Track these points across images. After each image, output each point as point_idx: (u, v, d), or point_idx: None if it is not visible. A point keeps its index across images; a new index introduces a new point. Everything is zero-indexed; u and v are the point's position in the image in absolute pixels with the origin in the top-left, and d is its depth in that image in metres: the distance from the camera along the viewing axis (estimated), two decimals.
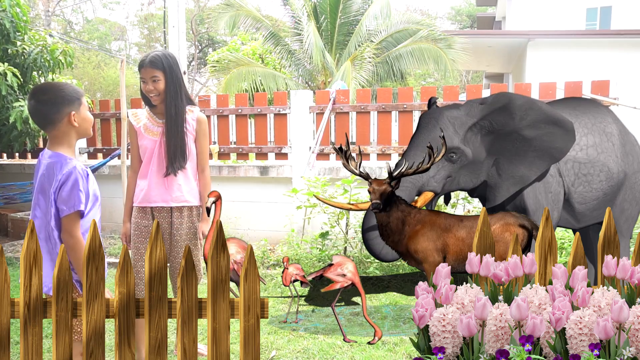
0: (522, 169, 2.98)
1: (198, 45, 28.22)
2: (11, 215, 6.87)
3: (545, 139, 2.94)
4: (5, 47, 5.34)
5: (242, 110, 6.23)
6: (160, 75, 2.86)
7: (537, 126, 2.95)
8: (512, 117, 2.97)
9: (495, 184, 3.04)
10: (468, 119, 2.99)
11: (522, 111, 2.96)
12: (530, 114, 2.95)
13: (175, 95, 2.89)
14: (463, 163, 2.98)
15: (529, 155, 2.97)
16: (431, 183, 2.95)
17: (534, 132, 2.95)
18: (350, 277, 3.16)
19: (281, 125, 6.12)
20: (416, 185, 2.95)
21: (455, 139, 2.94)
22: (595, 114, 3.38)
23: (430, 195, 2.96)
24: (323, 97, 5.94)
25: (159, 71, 2.85)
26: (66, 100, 2.20)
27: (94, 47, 25.60)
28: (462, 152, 2.94)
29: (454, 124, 2.97)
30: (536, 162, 2.97)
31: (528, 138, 2.95)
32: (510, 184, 3.01)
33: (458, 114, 3.00)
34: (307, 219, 5.46)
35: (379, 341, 3.29)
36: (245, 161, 6.66)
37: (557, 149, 2.95)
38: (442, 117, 2.98)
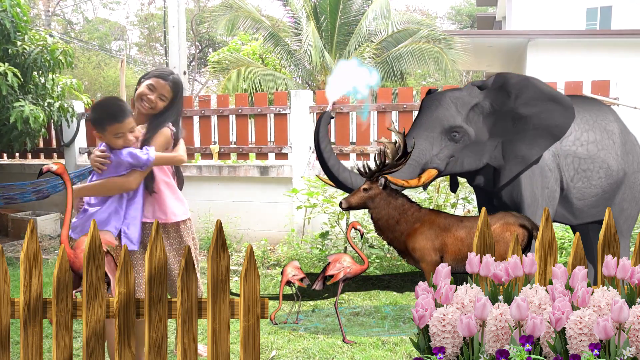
0: (523, 148, 2.96)
1: (198, 45, 28.22)
2: (11, 215, 6.87)
3: (543, 116, 2.93)
4: (5, 47, 5.34)
5: (242, 110, 6.23)
6: (169, 95, 2.74)
7: (533, 104, 2.93)
8: (508, 96, 2.96)
9: (498, 165, 3.03)
10: (470, 99, 2.99)
11: (517, 89, 2.95)
12: (524, 92, 2.95)
13: (167, 119, 2.75)
14: (466, 143, 2.97)
15: (528, 134, 2.95)
16: (434, 161, 2.95)
17: (530, 110, 2.93)
18: (348, 265, 3.18)
19: (281, 125, 6.12)
20: (420, 163, 2.95)
21: (458, 118, 2.94)
22: (597, 112, 3.39)
23: (434, 172, 2.95)
24: (323, 97, 5.94)
25: (171, 91, 2.75)
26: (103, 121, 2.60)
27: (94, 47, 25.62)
28: (464, 131, 2.94)
29: (457, 103, 2.97)
30: (537, 141, 2.95)
31: (525, 116, 2.94)
32: (513, 164, 2.99)
33: (460, 94, 3.00)
34: (307, 219, 5.46)
35: (378, 341, 3.30)
36: (245, 161, 6.66)
37: (557, 127, 2.93)
38: (444, 97, 2.99)
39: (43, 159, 7.56)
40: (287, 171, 5.95)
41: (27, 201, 5.84)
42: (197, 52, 27.88)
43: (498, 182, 3.04)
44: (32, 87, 5.69)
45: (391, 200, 2.84)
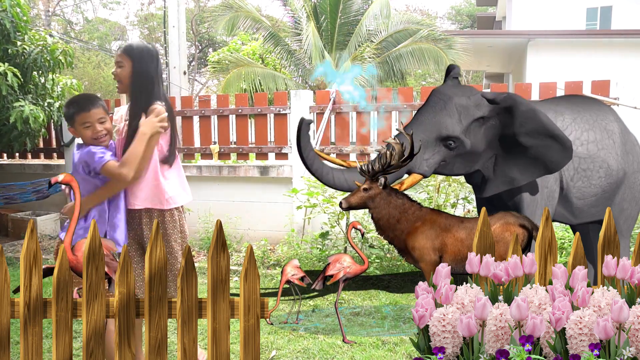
0: (514, 172, 3.03)
1: (198, 45, 28.22)
2: (11, 215, 6.87)
3: (542, 150, 2.97)
4: (5, 47, 5.34)
5: (242, 110, 6.23)
6: (126, 62, 2.69)
7: (535, 136, 2.98)
8: (513, 122, 2.99)
9: (487, 177, 3.10)
10: (476, 111, 3.00)
11: (523, 118, 2.98)
12: (529, 123, 2.97)
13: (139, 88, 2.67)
14: (460, 152, 3.00)
15: (523, 161, 3.01)
16: (422, 166, 2.97)
17: (530, 141, 2.98)
18: (348, 265, 3.18)
19: (281, 125, 6.12)
20: (407, 165, 2.95)
21: (457, 128, 2.96)
22: (597, 111, 3.40)
23: (418, 178, 3.00)
24: (323, 97, 5.94)
25: (126, 57, 2.69)
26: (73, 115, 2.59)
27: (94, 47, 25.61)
28: (461, 142, 2.96)
29: (461, 112, 2.98)
30: (529, 169, 3.01)
31: (524, 145, 2.99)
32: (500, 182, 3.06)
33: (467, 104, 3.01)
34: (307, 219, 5.46)
35: (378, 341, 3.30)
36: (245, 161, 6.66)
37: (553, 162, 2.99)
38: (450, 102, 3.00)
39: (43, 159, 7.56)
40: (287, 171, 5.95)
41: (27, 201, 5.84)
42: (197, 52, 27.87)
43: (484, 191, 3.09)
44: (32, 87, 5.69)
45: (391, 199, 2.84)
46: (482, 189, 3.13)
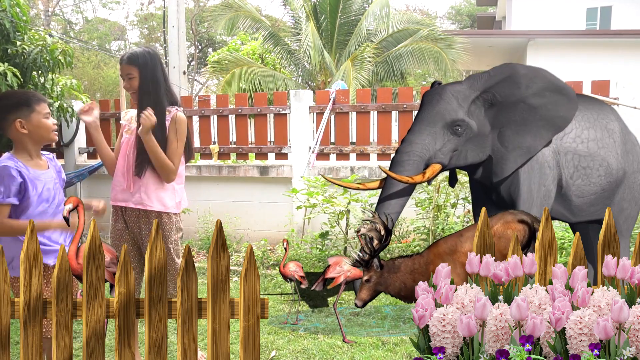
0: (529, 139, 2.98)
1: (198, 45, 28.21)
2: None
3: (550, 107, 2.95)
4: (5, 47, 5.34)
5: (242, 110, 6.23)
6: (135, 72, 2.77)
7: (543, 94, 2.96)
8: (517, 87, 2.97)
9: (502, 157, 3.02)
10: (471, 92, 2.99)
11: (528, 79, 2.96)
12: (536, 82, 2.97)
13: (148, 94, 2.76)
14: (469, 136, 2.97)
15: (535, 125, 2.98)
16: (438, 155, 2.96)
17: (540, 101, 2.96)
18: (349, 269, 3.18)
19: (281, 125, 6.12)
20: (423, 158, 2.95)
21: (459, 112, 2.94)
22: (598, 110, 3.40)
23: (438, 167, 2.96)
24: (323, 97, 5.94)
25: (134, 68, 2.77)
26: (10, 108, 2.34)
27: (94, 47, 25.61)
28: (467, 124, 2.94)
29: (458, 97, 2.97)
30: (541, 132, 2.98)
31: (534, 106, 2.96)
32: (517, 155, 2.99)
33: (461, 88, 3.01)
34: (307, 219, 5.46)
35: (378, 341, 3.30)
36: (245, 161, 6.66)
37: (562, 118, 2.97)
38: (445, 91, 2.99)
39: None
40: (287, 171, 5.95)
41: None
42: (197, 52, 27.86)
43: (500, 173, 3.04)
44: (31, 87, 5.68)
45: (394, 271, 2.76)
46: (498, 171, 3.04)
